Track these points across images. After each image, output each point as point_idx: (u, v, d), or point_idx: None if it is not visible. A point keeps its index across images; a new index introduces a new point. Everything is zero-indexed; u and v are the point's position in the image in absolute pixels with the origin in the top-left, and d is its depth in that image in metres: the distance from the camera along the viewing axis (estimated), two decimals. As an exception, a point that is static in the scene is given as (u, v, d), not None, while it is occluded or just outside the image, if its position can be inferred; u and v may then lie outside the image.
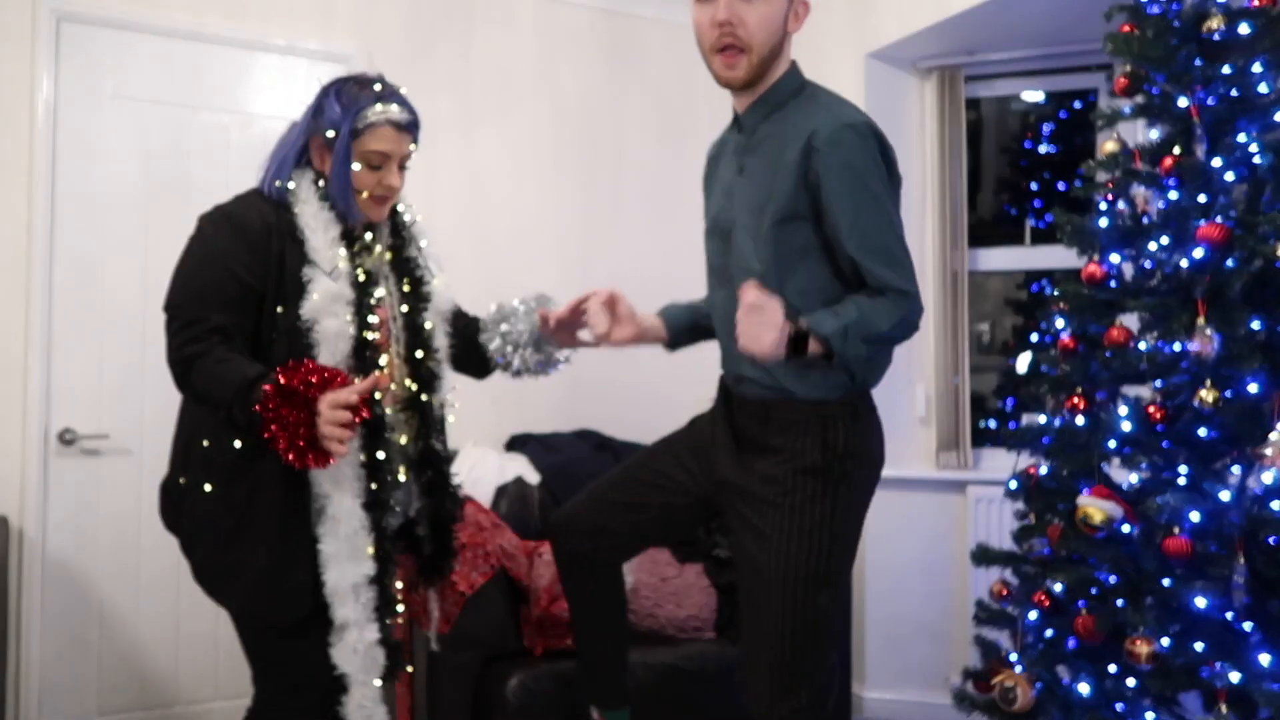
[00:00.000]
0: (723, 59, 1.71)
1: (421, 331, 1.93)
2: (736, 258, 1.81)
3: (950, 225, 3.53)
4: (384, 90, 1.83)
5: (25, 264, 2.91)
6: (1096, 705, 2.16)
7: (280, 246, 1.76)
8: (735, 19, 1.65)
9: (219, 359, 1.66)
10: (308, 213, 1.80)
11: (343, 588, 1.75)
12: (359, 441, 1.76)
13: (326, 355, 1.73)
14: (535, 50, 3.65)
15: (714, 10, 1.66)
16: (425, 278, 1.98)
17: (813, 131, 1.69)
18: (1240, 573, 1.94)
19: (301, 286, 1.75)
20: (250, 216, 1.78)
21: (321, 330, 1.74)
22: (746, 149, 1.81)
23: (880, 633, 3.51)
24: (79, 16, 2.98)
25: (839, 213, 1.70)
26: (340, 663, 1.76)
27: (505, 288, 3.55)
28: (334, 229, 1.81)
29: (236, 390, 1.62)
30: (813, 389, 1.79)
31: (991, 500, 3.31)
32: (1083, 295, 2.37)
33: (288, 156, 1.84)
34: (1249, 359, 1.99)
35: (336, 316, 1.75)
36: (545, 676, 2.56)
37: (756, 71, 1.72)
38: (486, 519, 2.84)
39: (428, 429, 1.94)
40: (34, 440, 2.90)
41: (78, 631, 2.94)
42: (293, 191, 1.81)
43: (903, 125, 3.67)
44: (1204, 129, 2.17)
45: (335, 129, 1.79)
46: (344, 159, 1.80)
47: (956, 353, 3.51)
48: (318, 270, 1.76)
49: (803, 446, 1.78)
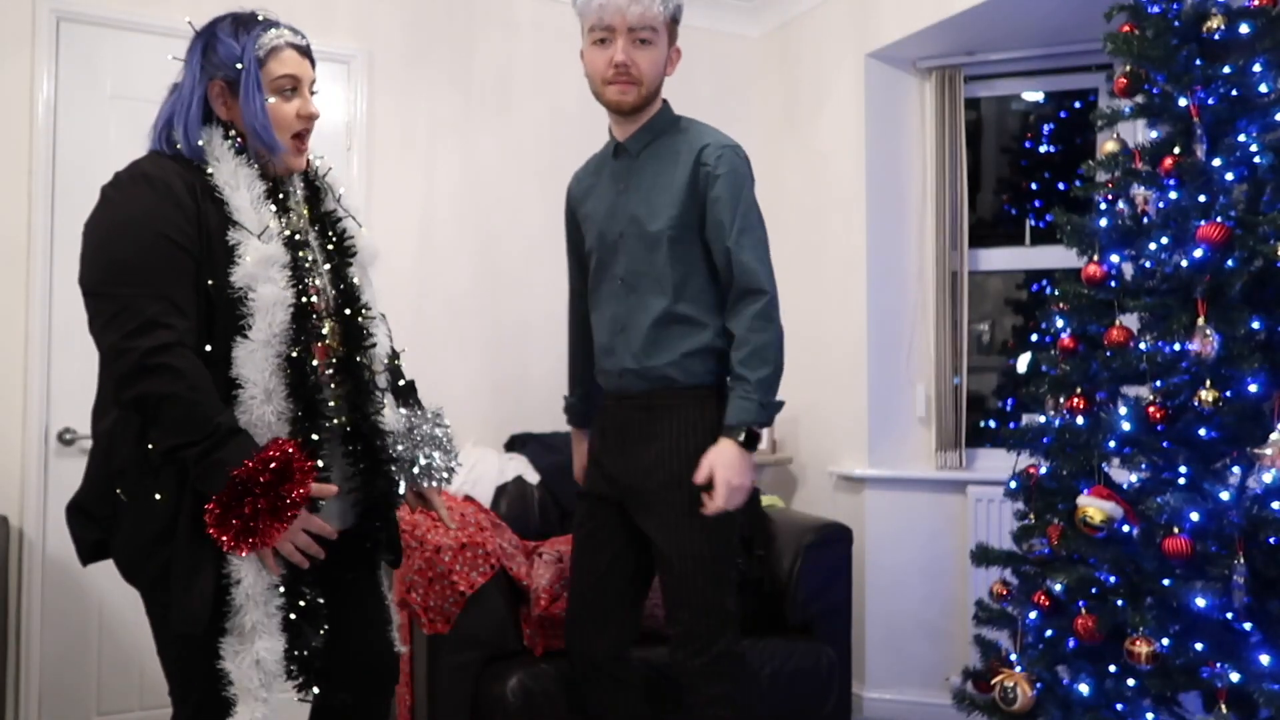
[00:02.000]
0: (617, 88, 2.03)
1: (350, 287, 1.76)
2: (637, 266, 2.07)
3: (950, 225, 3.53)
4: (269, 18, 1.71)
5: (25, 264, 2.91)
6: (1096, 705, 2.16)
7: (203, 207, 1.58)
8: (630, 61, 2.00)
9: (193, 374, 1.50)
10: (225, 170, 1.62)
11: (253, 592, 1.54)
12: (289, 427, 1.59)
13: (263, 325, 1.56)
14: (535, 50, 3.65)
15: (611, 52, 2.00)
16: (349, 230, 1.81)
17: (701, 149, 2.04)
18: (1240, 573, 1.93)
19: (229, 252, 1.57)
20: (168, 175, 1.58)
21: (257, 298, 1.56)
22: (630, 171, 2.11)
23: (880, 633, 3.51)
24: (79, 16, 2.98)
25: (723, 212, 2.01)
26: (232, 673, 1.54)
27: (505, 287, 3.57)
28: (257, 186, 1.64)
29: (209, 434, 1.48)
30: (690, 376, 2.05)
31: (991, 500, 3.31)
32: (1083, 295, 2.36)
33: (191, 111, 1.65)
34: (1249, 359, 1.99)
35: (273, 282, 1.58)
36: (545, 676, 2.55)
37: (643, 100, 2.05)
38: (486, 519, 2.84)
39: (360, 396, 1.73)
40: (34, 440, 2.90)
41: (78, 631, 2.94)
42: (205, 148, 1.63)
43: (903, 125, 3.67)
44: (1204, 129, 2.17)
45: (239, 61, 1.64)
46: (257, 88, 1.64)
47: (956, 353, 3.51)
48: (245, 232, 1.58)
49: (683, 430, 2.02)
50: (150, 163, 1.63)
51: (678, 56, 2.11)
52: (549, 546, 2.85)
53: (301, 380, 1.61)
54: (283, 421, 1.58)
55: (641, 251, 2.06)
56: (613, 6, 1.96)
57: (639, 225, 2.07)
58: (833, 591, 2.97)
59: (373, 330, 1.77)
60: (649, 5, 1.96)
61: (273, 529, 1.50)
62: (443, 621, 2.54)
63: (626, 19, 1.96)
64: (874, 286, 3.59)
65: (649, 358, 2.05)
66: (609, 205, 2.14)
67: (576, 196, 2.28)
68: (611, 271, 2.12)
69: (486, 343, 3.52)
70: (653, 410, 2.07)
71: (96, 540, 1.67)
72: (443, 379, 3.34)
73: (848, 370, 3.64)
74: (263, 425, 1.57)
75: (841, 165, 3.69)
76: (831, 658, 2.88)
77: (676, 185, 2.03)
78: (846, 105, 3.68)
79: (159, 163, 1.62)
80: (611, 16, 1.97)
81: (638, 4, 1.95)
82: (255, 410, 1.57)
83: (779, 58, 4.05)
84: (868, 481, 3.54)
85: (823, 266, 3.77)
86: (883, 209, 3.61)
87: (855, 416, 3.61)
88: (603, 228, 2.14)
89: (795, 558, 2.94)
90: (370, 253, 1.84)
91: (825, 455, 3.73)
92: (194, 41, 1.71)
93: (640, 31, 1.99)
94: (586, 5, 2.01)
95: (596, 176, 2.24)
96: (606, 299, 2.14)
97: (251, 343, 1.57)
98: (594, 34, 2.03)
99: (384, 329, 1.84)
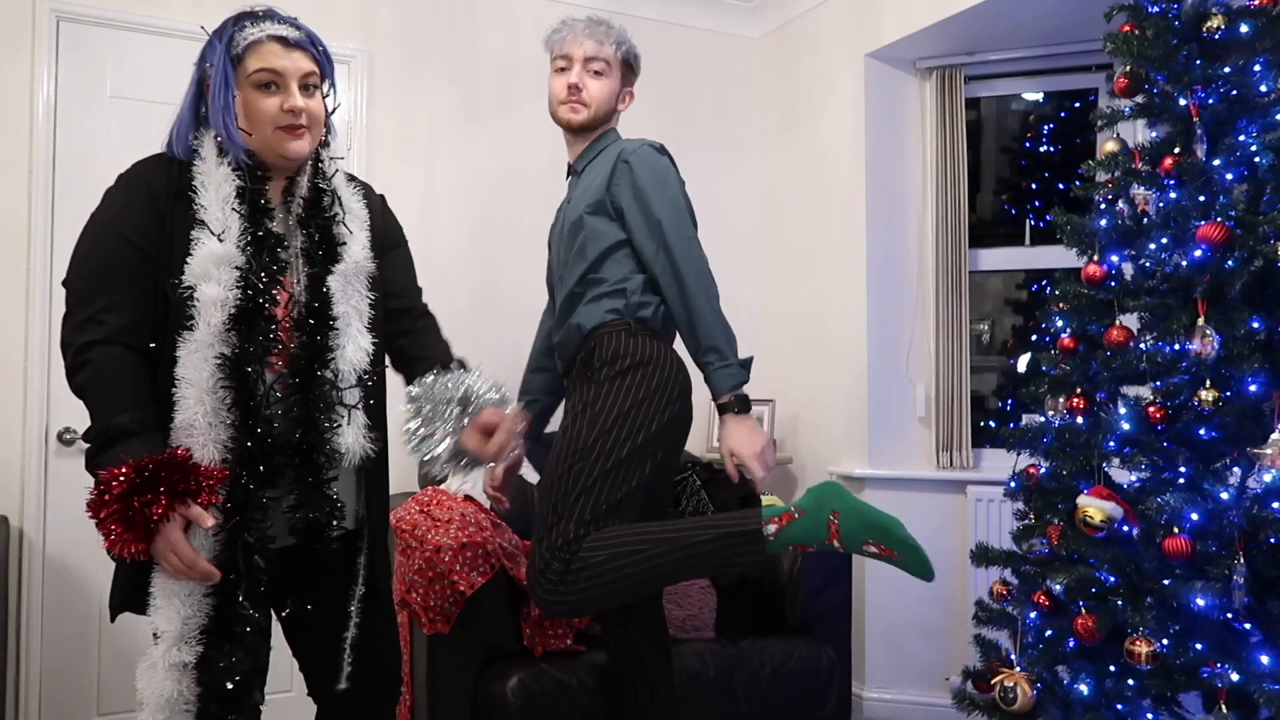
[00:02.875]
0: (569, 108, 2.28)
1: (320, 297, 1.67)
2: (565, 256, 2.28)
3: (950, 225, 3.53)
4: (265, 12, 1.69)
5: (25, 264, 2.91)
6: (1096, 705, 2.16)
7: (170, 209, 1.60)
8: (582, 84, 2.27)
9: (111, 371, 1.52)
10: (202, 169, 1.62)
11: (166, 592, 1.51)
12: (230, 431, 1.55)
13: (202, 326, 1.54)
14: (535, 50, 3.65)
15: (568, 78, 2.28)
16: (340, 237, 1.73)
17: (619, 152, 2.25)
18: (1240, 573, 1.93)
19: (188, 251, 1.57)
20: (148, 177, 1.63)
21: (200, 297, 1.55)
22: (574, 186, 2.34)
23: (880, 632, 3.52)
24: (79, 16, 2.98)
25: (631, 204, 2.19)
26: (138, 679, 1.51)
27: (505, 287, 3.56)
28: (228, 185, 1.62)
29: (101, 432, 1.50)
30: (588, 318, 2.18)
31: (991, 500, 3.31)
32: (1082, 295, 2.37)
33: (184, 114, 1.67)
34: (1249, 359, 1.99)
35: (217, 282, 1.55)
36: (545, 676, 2.56)
37: (590, 122, 2.29)
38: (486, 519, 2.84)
39: (312, 411, 1.63)
40: (34, 440, 2.90)
41: (78, 631, 2.95)
42: (197, 150, 1.65)
43: (903, 125, 3.67)
44: (1204, 129, 2.17)
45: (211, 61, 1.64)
46: (222, 85, 1.62)
47: (956, 353, 3.51)
48: (206, 231, 1.58)
49: (580, 361, 2.18)
50: (133, 165, 1.67)
51: (630, 99, 2.39)
52: (549, 546, 2.85)
53: (241, 384, 1.56)
54: (217, 426, 1.54)
55: (569, 241, 2.28)
56: (572, 38, 2.28)
57: (565, 223, 2.31)
58: (833, 591, 2.97)
59: (336, 344, 1.67)
60: (603, 41, 2.28)
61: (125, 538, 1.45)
62: (443, 621, 2.54)
63: (584, 50, 2.27)
64: (874, 286, 3.59)
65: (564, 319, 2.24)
66: (560, 222, 2.38)
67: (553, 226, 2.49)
68: (558, 275, 2.34)
69: (486, 343, 3.51)
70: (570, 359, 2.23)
71: None
72: (443, 379, 3.34)
73: (848, 370, 3.64)
74: (197, 426, 1.53)
75: (841, 165, 3.69)
76: (831, 658, 2.88)
77: (596, 188, 2.25)
78: (846, 105, 3.68)
79: (141, 164, 1.66)
80: (570, 47, 2.28)
81: (592, 39, 2.27)
82: (189, 410, 1.54)
83: (779, 58, 4.05)
84: (868, 481, 3.54)
85: (823, 266, 3.77)
86: (883, 209, 3.61)
87: (855, 416, 3.61)
88: (554, 240, 2.41)
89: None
90: (356, 264, 1.74)
91: (825, 455, 3.73)
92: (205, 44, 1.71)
93: (594, 63, 2.27)
94: (551, 38, 2.32)
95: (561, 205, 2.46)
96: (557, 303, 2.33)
97: (194, 341, 1.55)
98: (556, 63, 2.31)
99: (362, 342, 1.72)
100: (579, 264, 2.22)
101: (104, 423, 1.51)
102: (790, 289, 3.95)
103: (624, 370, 2.10)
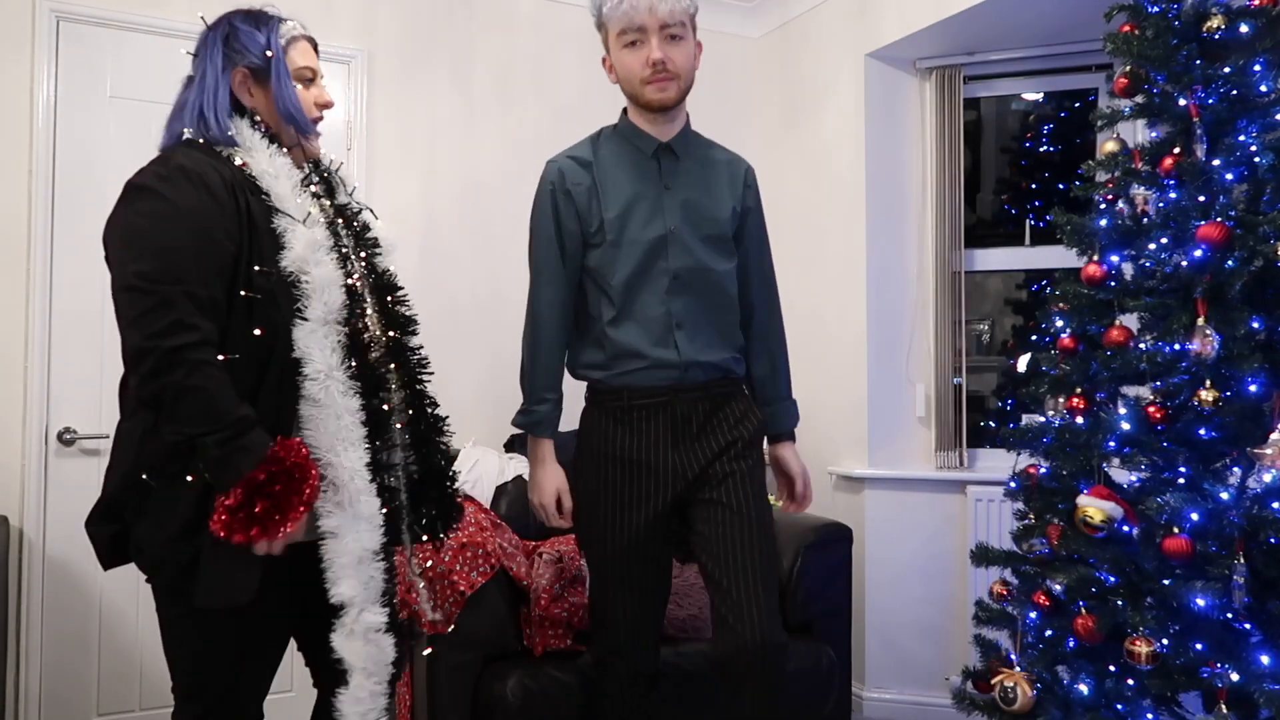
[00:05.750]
0: (656, 87, 2.04)
1: (384, 275, 1.80)
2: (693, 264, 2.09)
3: (949, 225, 3.53)
4: (275, 12, 1.77)
5: (25, 264, 2.91)
6: (1096, 705, 2.16)
7: (241, 200, 1.59)
8: (666, 57, 2.02)
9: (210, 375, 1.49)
10: (261, 160, 1.64)
11: (343, 561, 1.57)
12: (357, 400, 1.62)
13: (319, 305, 1.58)
14: (535, 50, 3.65)
15: (646, 52, 2.02)
16: (369, 222, 1.84)
17: (747, 170, 2.22)
18: (1240, 573, 1.93)
19: (276, 240, 1.59)
20: (205, 171, 1.57)
21: (313, 280, 1.58)
22: (673, 171, 2.12)
23: (880, 633, 3.52)
24: (79, 16, 2.98)
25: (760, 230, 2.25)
26: (339, 648, 1.59)
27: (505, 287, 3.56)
28: (294, 174, 1.67)
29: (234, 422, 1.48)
30: (739, 368, 2.17)
31: (991, 500, 3.31)
32: (1082, 295, 2.36)
33: (219, 101, 1.67)
34: (1249, 359, 1.99)
35: (323, 265, 1.60)
36: (545, 676, 2.56)
37: (682, 95, 2.10)
38: (486, 519, 2.84)
39: (411, 377, 1.78)
40: (34, 440, 2.90)
41: (78, 631, 2.95)
42: (234, 138, 1.66)
43: (903, 125, 3.67)
44: (1204, 129, 2.17)
45: (267, 49, 1.69)
46: (286, 74, 1.69)
47: (956, 353, 3.51)
48: (289, 219, 1.60)
49: (745, 418, 2.13)
50: (184, 156, 1.60)
51: (700, 51, 2.14)
52: (549, 546, 2.85)
53: (363, 356, 1.65)
54: (348, 396, 1.60)
55: (702, 252, 2.10)
56: (642, 6, 1.98)
57: (696, 226, 2.10)
58: (832, 591, 2.97)
59: (414, 316, 1.82)
60: (676, 1, 2.00)
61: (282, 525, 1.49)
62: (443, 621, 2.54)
63: (657, 17, 1.99)
64: (874, 286, 3.59)
65: (711, 351, 2.10)
66: (650, 203, 2.09)
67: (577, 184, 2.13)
68: (659, 266, 2.08)
69: (486, 343, 3.51)
70: (715, 399, 2.12)
71: (114, 534, 1.63)
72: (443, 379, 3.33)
73: (848, 370, 3.64)
74: (329, 400, 1.58)
75: (841, 165, 3.69)
76: (831, 658, 2.88)
77: (728, 197, 2.15)
78: (846, 105, 3.68)
79: (192, 156, 1.61)
80: (642, 16, 1.99)
81: (665, 1, 1.98)
82: (319, 386, 1.58)
83: (779, 58, 4.04)
84: (867, 481, 3.54)
85: (823, 266, 3.77)
86: (883, 209, 3.61)
87: (855, 416, 3.61)
88: (643, 223, 2.08)
89: (795, 558, 2.94)
90: (390, 244, 1.87)
91: (825, 455, 3.73)
92: (209, 34, 1.72)
93: (671, 28, 2.01)
94: (613, 10, 2.02)
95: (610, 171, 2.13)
96: (648, 294, 2.08)
97: (310, 323, 1.58)
98: (624, 37, 2.04)
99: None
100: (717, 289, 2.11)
101: (230, 414, 1.49)
102: (790, 289, 3.92)
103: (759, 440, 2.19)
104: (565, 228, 2.12)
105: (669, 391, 2.08)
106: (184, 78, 1.75)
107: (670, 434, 2.08)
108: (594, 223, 2.09)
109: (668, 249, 2.07)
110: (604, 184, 2.11)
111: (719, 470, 2.07)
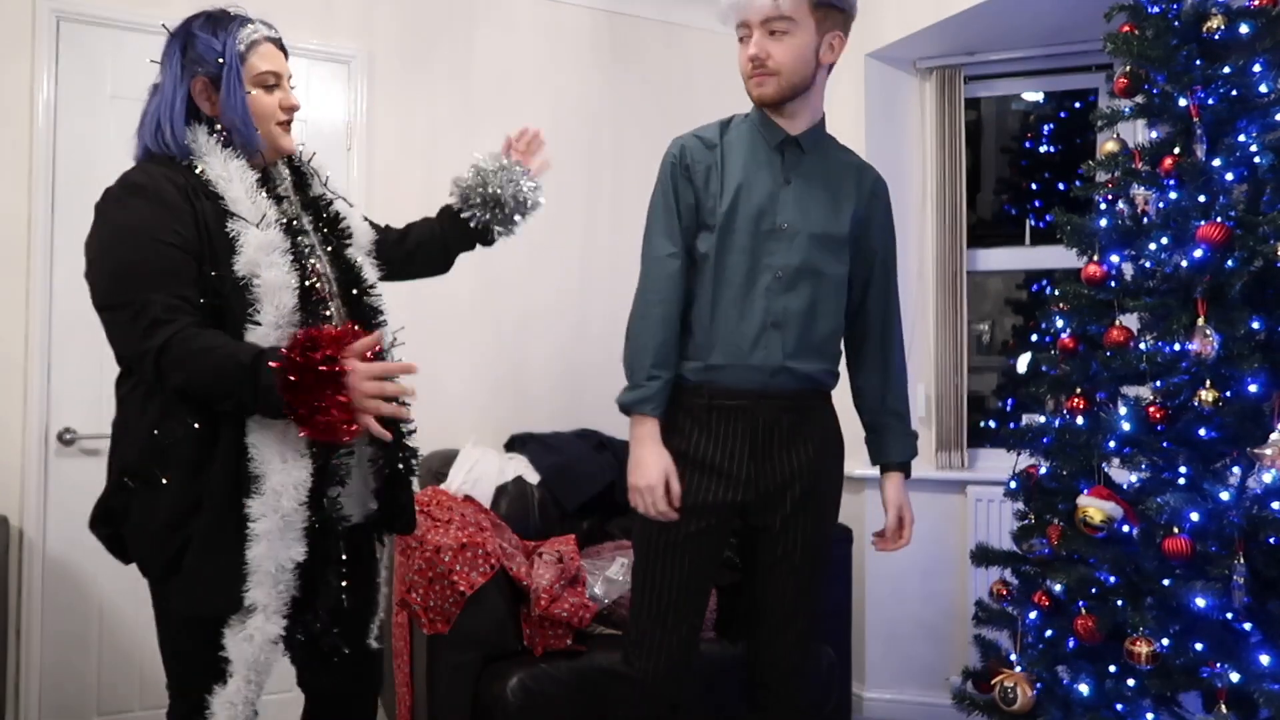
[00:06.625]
0: (755, 82, 2.03)
1: (351, 268, 1.78)
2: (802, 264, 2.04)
3: (950, 225, 3.53)
4: (244, 15, 1.74)
5: (25, 264, 2.91)
6: (1096, 705, 2.16)
7: (198, 206, 1.61)
8: (763, 53, 1.99)
9: (200, 344, 1.52)
10: (215, 165, 1.65)
11: (263, 568, 1.57)
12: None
13: (270, 309, 1.58)
14: (535, 50, 3.65)
15: (749, 49, 2.02)
16: (341, 212, 1.84)
17: (875, 179, 2.16)
18: (1240, 573, 1.93)
19: (230, 244, 1.59)
20: (158, 182, 1.61)
21: (263, 284, 1.58)
22: (796, 166, 2.07)
23: (880, 633, 3.51)
24: (79, 16, 2.98)
25: (887, 248, 2.18)
26: (230, 648, 1.58)
27: (505, 287, 3.56)
28: (248, 177, 1.67)
29: (241, 377, 1.50)
30: (830, 382, 2.14)
31: (991, 500, 3.31)
32: (1082, 295, 2.37)
33: (175, 109, 1.68)
34: (1249, 359, 1.99)
35: (275, 267, 1.60)
36: (545, 676, 2.56)
37: (784, 93, 2.02)
38: (486, 519, 2.84)
39: None
40: (34, 440, 2.90)
41: (78, 631, 2.94)
42: (192, 146, 1.67)
43: (903, 125, 3.67)
44: (1204, 129, 2.17)
45: (220, 57, 1.67)
46: (238, 83, 1.68)
47: (956, 353, 3.51)
48: (243, 222, 1.61)
49: (830, 433, 2.14)
50: (139, 172, 1.65)
51: (840, 44, 2.04)
52: (549, 546, 2.85)
53: None
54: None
55: (813, 252, 2.04)
56: (743, 2, 1.99)
57: (812, 225, 2.04)
58: (833, 591, 2.97)
59: (380, 308, 1.79)
60: None
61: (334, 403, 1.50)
62: (443, 621, 2.54)
63: (758, 11, 1.98)
64: (874, 286, 3.59)
65: (805, 360, 2.05)
66: (768, 192, 2.05)
67: (698, 162, 2.09)
68: (764, 261, 2.03)
69: (486, 343, 3.51)
70: (800, 412, 2.08)
71: (109, 536, 1.69)
72: (442, 379, 3.34)
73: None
74: None
75: (841, 165, 3.69)
76: (831, 658, 2.88)
77: (849, 200, 2.09)
78: (846, 105, 3.67)
79: (147, 170, 1.65)
80: (745, 12, 2.00)
81: None
82: None
83: (779, 58, 4.04)
84: (867, 481, 3.54)
85: (823, 266, 3.77)
86: (883, 209, 3.61)
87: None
88: (758, 212, 2.04)
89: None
90: (365, 234, 1.88)
91: (825, 455, 3.72)
92: (170, 41, 1.73)
93: (772, 23, 1.97)
94: (727, 9, 2.04)
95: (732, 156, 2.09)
96: (748, 287, 2.04)
97: (262, 328, 1.58)
98: (738, 33, 2.06)
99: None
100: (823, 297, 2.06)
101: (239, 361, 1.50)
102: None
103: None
104: (683, 201, 2.08)
105: (753, 396, 2.02)
106: (150, 85, 1.76)
107: (749, 442, 2.02)
108: (708, 202, 2.05)
109: (777, 243, 2.02)
110: (724, 167, 2.07)
111: (789, 505, 2.06)
